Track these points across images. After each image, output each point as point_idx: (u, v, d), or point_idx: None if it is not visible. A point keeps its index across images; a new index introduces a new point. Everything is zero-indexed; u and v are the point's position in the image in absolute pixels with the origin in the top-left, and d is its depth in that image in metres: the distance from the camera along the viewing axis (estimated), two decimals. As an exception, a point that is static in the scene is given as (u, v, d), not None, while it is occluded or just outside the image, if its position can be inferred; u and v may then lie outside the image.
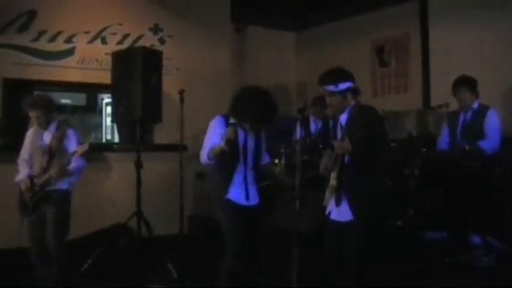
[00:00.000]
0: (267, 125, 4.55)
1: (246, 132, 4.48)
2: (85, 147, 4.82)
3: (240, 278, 4.34)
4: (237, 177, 4.45)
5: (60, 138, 5.01)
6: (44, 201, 4.93)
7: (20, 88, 6.86)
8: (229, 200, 4.44)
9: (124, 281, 5.38)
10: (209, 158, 4.34)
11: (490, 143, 5.31)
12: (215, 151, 4.24)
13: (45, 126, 5.07)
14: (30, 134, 5.24)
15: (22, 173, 5.09)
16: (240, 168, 4.45)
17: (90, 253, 5.82)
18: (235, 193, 4.44)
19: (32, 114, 5.03)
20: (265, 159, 4.74)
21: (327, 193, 3.97)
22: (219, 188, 4.48)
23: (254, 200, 4.53)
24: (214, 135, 4.36)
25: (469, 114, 5.54)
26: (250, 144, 4.49)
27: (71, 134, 5.06)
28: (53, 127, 5.09)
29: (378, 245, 4.09)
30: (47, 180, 4.89)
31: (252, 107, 4.32)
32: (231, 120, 4.41)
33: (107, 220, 6.67)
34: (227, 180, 4.45)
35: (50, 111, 5.11)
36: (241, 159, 4.44)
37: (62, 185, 4.98)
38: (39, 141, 5.07)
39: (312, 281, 4.22)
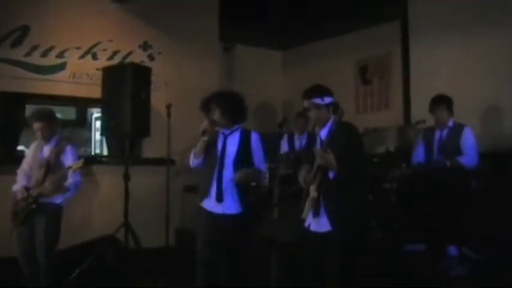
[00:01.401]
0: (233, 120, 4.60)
1: (225, 137, 4.59)
2: (79, 163, 4.93)
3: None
4: (213, 184, 4.48)
5: (57, 153, 5.10)
6: (36, 213, 4.99)
7: (12, 101, 6.98)
8: (203, 209, 4.53)
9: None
10: (195, 156, 4.54)
11: (469, 158, 5.48)
12: (197, 149, 4.48)
13: (48, 138, 5.17)
14: (32, 146, 5.33)
15: (19, 183, 5.18)
16: (217, 175, 4.48)
17: (78, 263, 5.86)
18: (210, 201, 4.49)
19: (36, 126, 5.11)
20: (261, 166, 4.66)
21: (307, 205, 3.99)
22: (198, 195, 4.61)
23: (231, 208, 4.47)
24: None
25: (445, 131, 5.71)
26: (231, 150, 4.54)
27: (68, 149, 5.15)
28: (53, 141, 5.19)
29: (358, 255, 4.12)
30: (40, 193, 4.97)
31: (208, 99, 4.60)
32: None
33: (95, 231, 6.74)
34: (204, 188, 4.53)
35: (54, 124, 5.22)
36: (218, 164, 4.49)
37: (56, 199, 5.06)
38: (39, 154, 5.17)
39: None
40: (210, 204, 4.51)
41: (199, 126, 4.50)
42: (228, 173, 4.48)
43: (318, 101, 4.03)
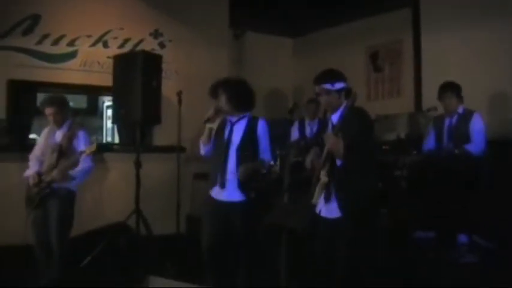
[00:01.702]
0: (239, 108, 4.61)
1: (232, 125, 4.61)
2: (93, 147, 4.99)
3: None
4: (219, 171, 4.51)
5: (70, 138, 5.17)
6: (50, 198, 5.07)
7: (24, 89, 7.03)
8: (210, 197, 4.57)
9: (122, 277, 5.44)
10: (203, 143, 4.62)
11: (476, 146, 5.49)
12: (204, 136, 4.57)
13: (60, 124, 5.23)
14: (45, 132, 5.40)
15: (31, 168, 5.25)
16: (222, 163, 4.50)
17: (90, 250, 5.90)
18: (216, 189, 4.53)
19: (48, 111, 5.18)
20: (266, 155, 4.65)
21: (317, 190, 3.98)
22: (209, 183, 4.65)
23: (235, 196, 4.47)
24: None
25: (455, 118, 5.72)
26: (236, 138, 4.56)
27: (81, 134, 5.22)
28: (65, 127, 5.26)
29: (368, 242, 4.12)
30: (53, 179, 5.04)
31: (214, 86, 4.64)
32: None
33: (106, 218, 6.81)
34: (213, 176, 4.59)
35: (66, 110, 5.29)
36: (224, 152, 4.52)
37: (69, 184, 5.14)
38: (51, 140, 5.24)
39: (303, 277, 4.35)
40: (215, 191, 4.55)
41: (205, 114, 4.53)
42: (231, 160, 4.49)
43: (328, 86, 4.01)
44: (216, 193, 4.54)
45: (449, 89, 5.69)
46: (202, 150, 4.68)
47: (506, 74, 6.42)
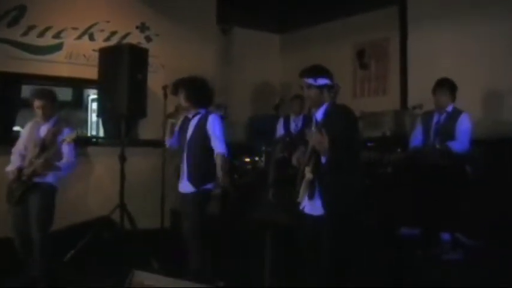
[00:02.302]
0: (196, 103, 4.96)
1: (189, 120, 4.98)
2: (73, 134, 4.97)
3: None
4: (183, 164, 5.00)
5: (54, 133, 5.12)
6: (30, 193, 5.03)
7: (8, 81, 6.96)
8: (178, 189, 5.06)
9: (106, 271, 5.46)
10: (166, 136, 5.16)
11: (459, 144, 5.52)
12: (167, 129, 5.09)
13: (47, 117, 5.19)
14: (28, 126, 5.35)
15: (13, 164, 5.21)
16: (184, 156, 4.98)
17: (74, 244, 5.88)
18: (181, 180, 5.03)
19: (37, 104, 5.13)
20: (218, 149, 4.91)
21: (302, 187, 4.00)
22: None
23: (187, 187, 4.97)
24: None
25: (443, 116, 5.74)
26: (189, 133, 4.96)
27: (65, 131, 5.13)
28: (51, 121, 5.21)
29: (352, 238, 4.14)
30: (34, 171, 5.00)
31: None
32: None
33: (90, 212, 6.78)
34: (178, 168, 5.08)
35: (55, 104, 5.26)
36: (184, 146, 4.96)
37: (50, 178, 5.10)
38: (35, 134, 5.19)
39: (286, 272, 4.38)
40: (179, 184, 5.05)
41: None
42: (188, 154, 4.96)
43: (310, 81, 4.02)
44: (179, 186, 5.08)
45: (444, 85, 5.72)
46: (167, 142, 5.20)
47: (494, 73, 6.46)
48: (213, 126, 4.92)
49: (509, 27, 6.38)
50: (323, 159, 3.81)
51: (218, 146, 4.88)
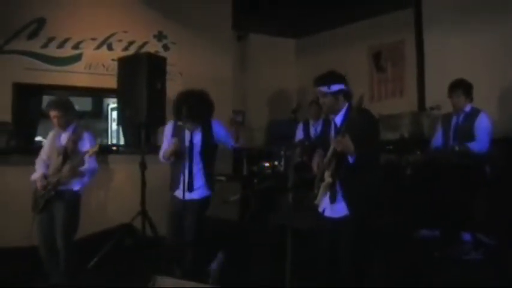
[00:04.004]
0: (200, 119, 4.95)
1: (191, 131, 4.95)
2: (96, 147, 5.01)
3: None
4: (184, 174, 4.91)
5: (75, 140, 5.17)
6: (55, 200, 5.06)
7: (29, 92, 7.10)
8: (174, 197, 5.04)
9: (129, 278, 5.48)
10: (164, 158, 5.05)
11: (479, 144, 5.48)
12: (167, 153, 4.97)
13: (64, 127, 5.24)
14: (50, 135, 5.40)
15: (38, 171, 5.25)
16: (186, 165, 4.91)
17: (97, 251, 5.95)
18: (180, 189, 4.94)
19: (53, 114, 5.18)
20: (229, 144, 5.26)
21: (321, 191, 4.03)
22: (170, 185, 5.09)
23: (200, 193, 4.98)
24: (165, 140, 5.13)
25: (461, 116, 5.72)
26: (197, 141, 4.95)
27: (86, 136, 5.22)
28: (70, 129, 5.25)
29: (372, 241, 4.17)
30: (59, 180, 5.04)
31: (181, 106, 4.86)
32: (179, 123, 4.96)
33: (112, 220, 6.83)
34: (175, 178, 5.03)
35: (70, 113, 5.29)
36: (187, 157, 4.91)
37: (74, 186, 5.14)
38: (56, 143, 5.25)
39: (306, 275, 4.39)
40: (179, 192, 4.98)
41: (172, 144, 4.94)
42: (197, 162, 4.99)
43: (324, 89, 4.05)
44: (180, 193, 5.00)
45: (459, 86, 5.70)
46: (162, 159, 5.18)
47: (510, 72, 6.42)
48: (218, 126, 5.12)
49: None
50: (350, 159, 3.82)
51: (227, 139, 5.19)
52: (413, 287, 4.81)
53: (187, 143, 4.96)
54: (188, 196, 4.92)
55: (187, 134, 4.98)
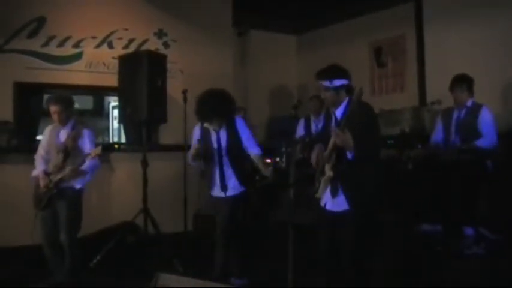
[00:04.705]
0: (224, 118, 4.99)
1: (218, 132, 5.01)
2: (98, 150, 5.01)
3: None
4: (217, 176, 5.03)
5: (74, 137, 5.18)
6: (57, 198, 5.09)
7: (30, 91, 7.11)
8: (212, 196, 5.13)
9: (131, 276, 5.50)
10: (193, 160, 5.13)
11: (487, 140, 5.46)
12: (192, 155, 5.07)
13: (64, 122, 5.25)
14: (47, 130, 5.40)
15: (38, 168, 5.26)
16: (217, 166, 5.01)
17: (99, 249, 5.94)
18: (216, 188, 5.07)
19: (53, 109, 5.19)
20: (254, 150, 5.14)
21: (321, 185, 4.03)
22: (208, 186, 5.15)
23: (233, 191, 5.04)
24: (194, 140, 5.12)
25: (463, 111, 5.70)
26: (223, 142, 5.00)
27: (85, 133, 5.23)
28: (69, 126, 5.27)
29: (373, 235, 4.17)
30: (61, 178, 5.05)
31: (203, 107, 4.92)
32: (205, 125, 5.02)
33: (114, 218, 6.84)
34: (210, 179, 5.10)
35: (70, 109, 5.31)
36: (216, 158, 5.00)
37: (76, 183, 5.15)
38: (55, 139, 5.25)
39: (309, 271, 4.40)
40: (216, 190, 5.12)
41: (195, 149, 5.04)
42: (226, 162, 5.05)
43: (326, 83, 4.03)
44: (217, 192, 5.16)
45: (463, 81, 5.69)
46: (191, 162, 5.27)
47: (510, 67, 6.42)
48: (241, 125, 5.14)
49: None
50: (349, 155, 3.81)
51: (254, 148, 5.14)
52: (415, 281, 4.81)
53: (215, 145, 5.04)
54: (223, 195, 5.06)
55: (213, 135, 5.05)
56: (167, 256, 5.92)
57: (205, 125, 5.02)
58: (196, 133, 5.16)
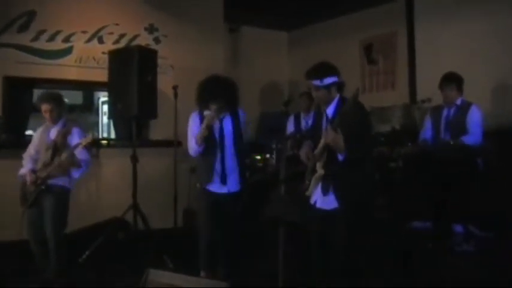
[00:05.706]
0: (233, 104, 4.86)
1: (221, 120, 4.80)
2: (89, 138, 4.98)
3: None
4: (217, 167, 4.77)
5: (64, 134, 5.16)
6: (44, 195, 5.06)
7: (20, 86, 7.04)
8: (206, 190, 4.82)
9: (121, 271, 5.49)
10: (197, 144, 4.73)
11: (472, 137, 5.50)
12: (199, 137, 4.67)
13: (55, 121, 5.23)
14: (39, 130, 5.39)
15: (25, 167, 5.25)
16: (219, 157, 4.77)
17: (88, 245, 5.91)
18: (214, 182, 4.79)
19: (45, 107, 5.17)
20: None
21: (312, 182, 4.04)
22: (201, 179, 4.88)
23: (234, 187, 4.85)
24: (194, 127, 4.83)
25: (453, 109, 5.72)
26: (228, 130, 4.82)
27: (75, 131, 5.20)
28: (60, 123, 5.25)
29: (364, 232, 4.16)
30: (49, 174, 5.03)
31: (210, 92, 4.72)
32: (205, 113, 4.77)
33: (104, 213, 6.81)
34: (208, 171, 4.80)
35: (61, 107, 5.28)
36: (219, 147, 4.77)
37: (62, 180, 5.13)
38: (46, 137, 5.23)
39: (299, 269, 4.41)
40: (214, 185, 4.81)
41: (206, 118, 4.68)
42: (229, 153, 4.83)
43: (317, 82, 4.02)
44: (216, 187, 4.86)
45: (452, 80, 5.70)
46: (195, 148, 4.82)
47: (502, 65, 6.46)
48: (244, 117, 5.05)
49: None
50: (340, 157, 3.82)
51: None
52: (406, 278, 4.83)
53: (216, 134, 4.81)
54: (222, 189, 4.82)
55: (216, 123, 4.79)
56: (157, 252, 5.91)
57: (205, 113, 4.77)
58: (195, 120, 4.91)
